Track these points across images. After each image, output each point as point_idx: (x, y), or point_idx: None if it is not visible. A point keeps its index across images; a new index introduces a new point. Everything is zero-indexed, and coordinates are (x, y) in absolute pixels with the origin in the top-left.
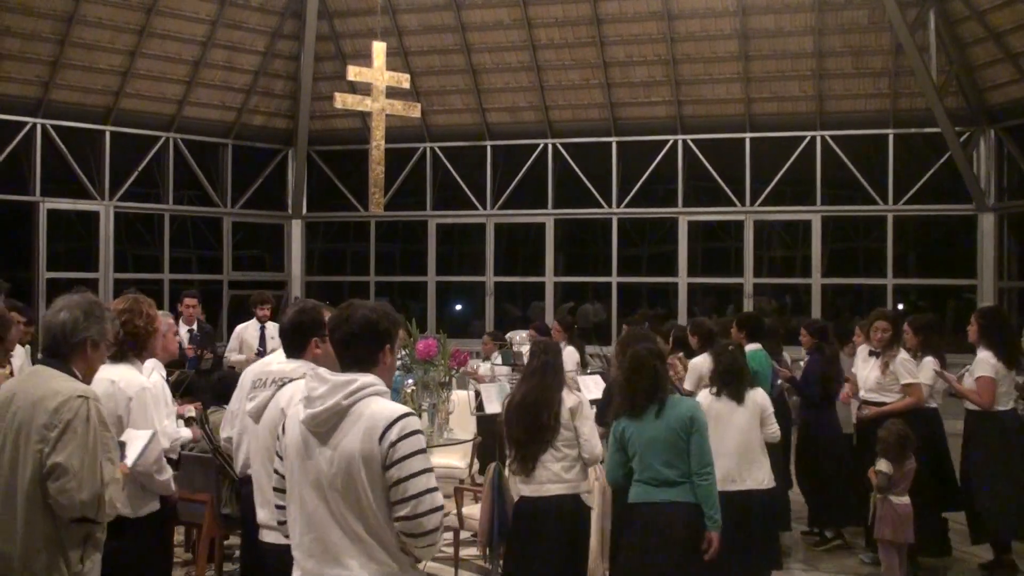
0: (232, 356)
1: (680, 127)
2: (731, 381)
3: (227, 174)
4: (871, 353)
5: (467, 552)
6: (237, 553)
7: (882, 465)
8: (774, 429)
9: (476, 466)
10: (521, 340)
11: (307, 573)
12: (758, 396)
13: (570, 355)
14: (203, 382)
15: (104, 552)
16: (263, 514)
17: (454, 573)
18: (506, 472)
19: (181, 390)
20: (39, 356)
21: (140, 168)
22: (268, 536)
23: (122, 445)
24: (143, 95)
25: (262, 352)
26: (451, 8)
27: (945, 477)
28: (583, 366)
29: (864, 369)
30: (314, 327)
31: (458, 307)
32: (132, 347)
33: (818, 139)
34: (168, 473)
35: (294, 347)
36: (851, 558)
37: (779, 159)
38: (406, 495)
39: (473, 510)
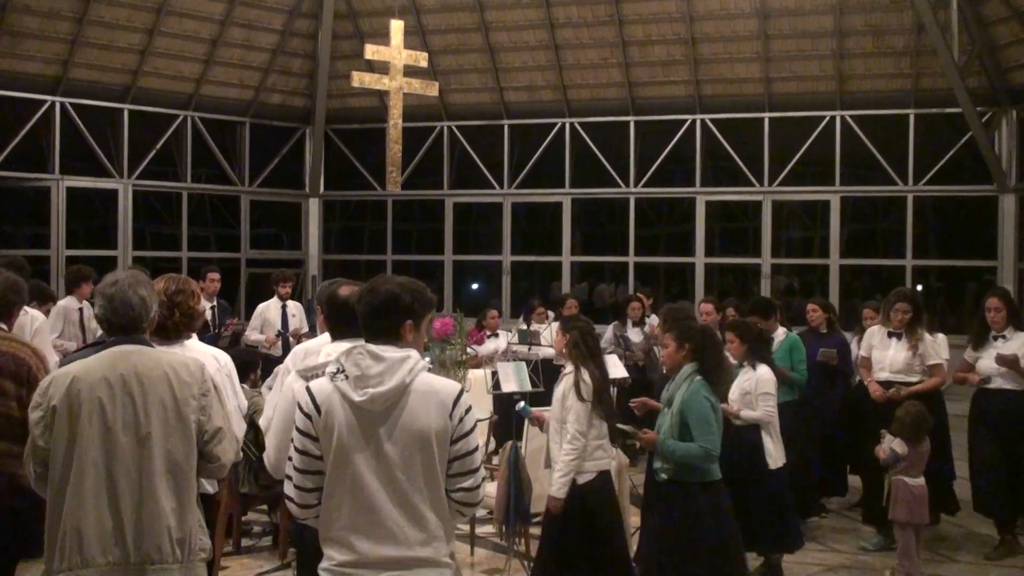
0: (252, 335)
1: (699, 106)
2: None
3: (245, 153)
4: (891, 334)
5: (483, 530)
6: (255, 529)
7: (896, 444)
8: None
9: (492, 445)
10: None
11: (363, 554)
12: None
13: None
14: None
15: None
16: None
17: (470, 550)
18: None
19: None
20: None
21: (158, 146)
22: None
23: None
24: (161, 73)
25: (283, 333)
26: None
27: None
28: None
29: (885, 350)
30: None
31: (475, 286)
32: (184, 328)
33: (838, 119)
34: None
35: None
36: (854, 540)
37: (798, 139)
38: (472, 467)
39: (489, 488)
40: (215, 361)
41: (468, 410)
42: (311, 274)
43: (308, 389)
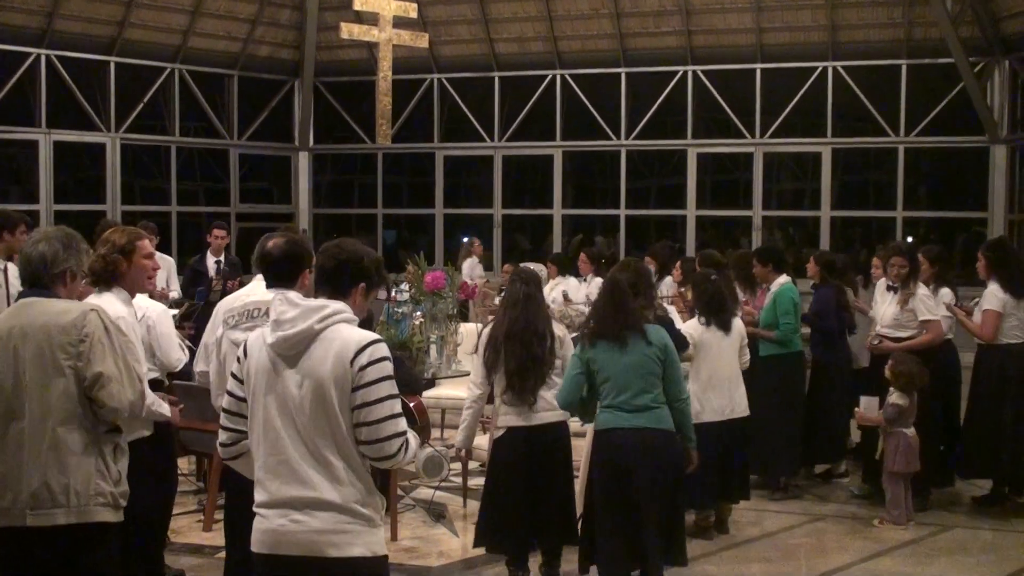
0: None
1: (690, 58)
2: (718, 310)
3: (233, 106)
4: (889, 288)
5: (475, 482)
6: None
7: (896, 397)
8: (747, 357)
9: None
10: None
11: (272, 494)
12: (739, 325)
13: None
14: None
15: None
16: None
17: (463, 503)
18: (499, 403)
19: (193, 319)
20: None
21: (146, 100)
22: None
23: None
24: (147, 25)
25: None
26: None
27: (952, 411)
28: None
29: (883, 304)
30: (306, 257)
31: (465, 239)
32: (113, 278)
33: (830, 70)
34: (164, 407)
35: (284, 277)
36: (840, 491)
37: (790, 90)
38: (368, 419)
39: (481, 441)
40: (113, 309)
41: (375, 361)
42: (301, 228)
43: (250, 336)
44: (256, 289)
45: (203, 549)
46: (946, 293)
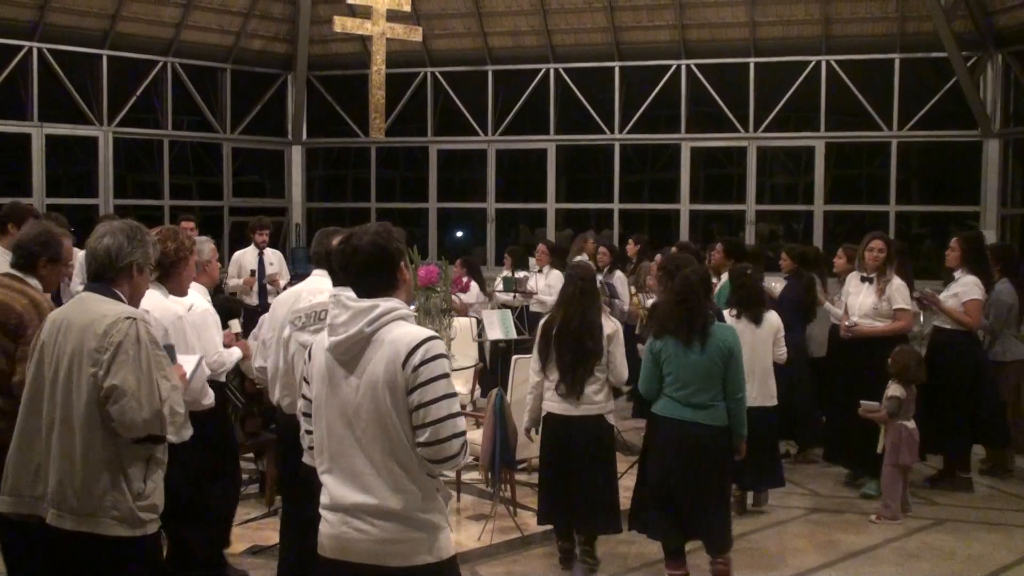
0: (231, 282)
1: (684, 52)
2: (750, 304)
3: (226, 99)
4: (863, 279)
5: (469, 476)
6: (243, 477)
7: (895, 390)
8: (783, 350)
9: (478, 391)
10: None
11: (336, 499)
12: (773, 318)
13: (620, 280)
14: None
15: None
16: None
17: (456, 496)
18: (545, 390)
19: None
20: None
21: (138, 93)
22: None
23: (169, 349)
24: (140, 18)
25: (256, 273)
26: None
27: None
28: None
29: (858, 295)
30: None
31: (459, 233)
32: (164, 273)
33: (823, 64)
34: (211, 397)
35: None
36: (832, 484)
37: (783, 84)
38: (427, 420)
39: (475, 435)
40: (168, 311)
41: (428, 360)
42: (294, 222)
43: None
44: (321, 287)
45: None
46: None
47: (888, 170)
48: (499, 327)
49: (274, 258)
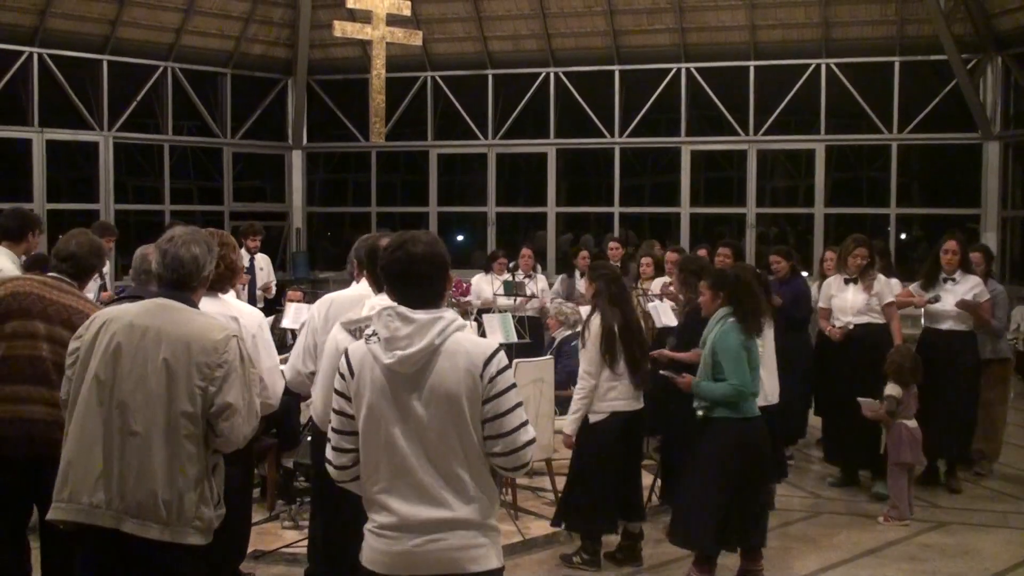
0: None
1: (684, 55)
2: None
3: (226, 104)
4: (847, 281)
5: None
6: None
7: (891, 389)
8: None
9: None
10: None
11: (402, 516)
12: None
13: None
14: None
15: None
16: None
17: None
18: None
19: None
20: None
21: (139, 98)
22: None
23: None
24: (140, 23)
25: (248, 276)
26: None
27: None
28: None
29: (844, 295)
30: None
31: (460, 238)
32: (226, 281)
33: (823, 67)
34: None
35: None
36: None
37: (783, 87)
38: (503, 430)
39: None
40: (260, 317)
41: (502, 370)
42: (295, 226)
43: (347, 351)
44: (371, 295)
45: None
46: (896, 283)
47: (888, 173)
48: (500, 330)
49: (264, 263)
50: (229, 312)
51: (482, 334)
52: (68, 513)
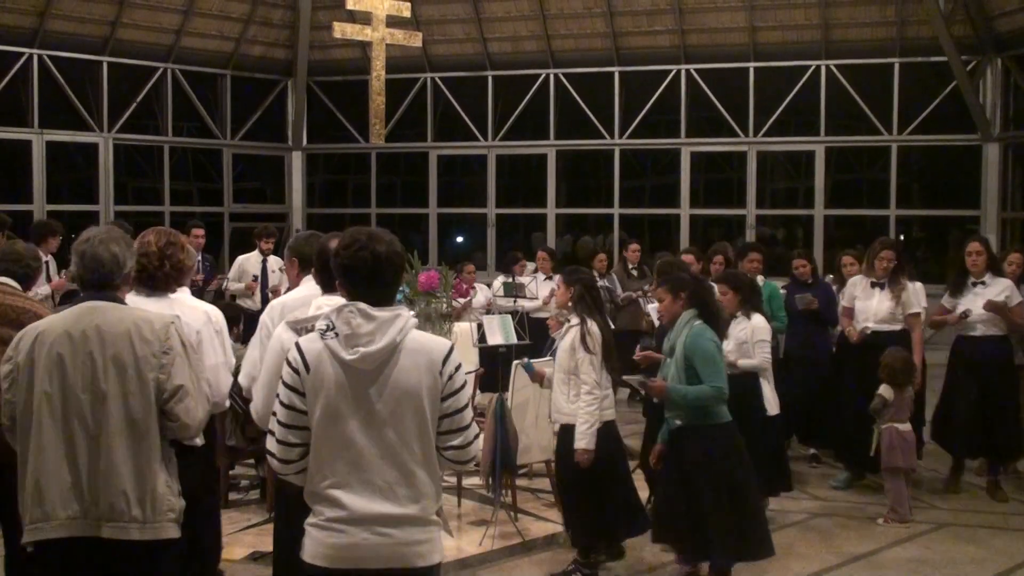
0: (232, 285)
1: (683, 57)
2: (759, 303)
3: (226, 105)
4: (874, 284)
5: (470, 481)
6: (243, 483)
7: (883, 390)
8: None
9: (478, 397)
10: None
11: (355, 510)
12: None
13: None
14: None
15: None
16: None
17: (457, 502)
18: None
19: None
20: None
21: (139, 99)
22: None
23: None
24: (140, 25)
25: (258, 279)
26: None
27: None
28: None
29: (869, 300)
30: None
31: (459, 239)
32: (172, 281)
33: (823, 68)
34: (228, 402)
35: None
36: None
37: (783, 89)
38: (461, 425)
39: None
40: (205, 315)
41: (458, 367)
42: (295, 228)
43: (298, 345)
44: (316, 297)
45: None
46: (920, 288)
47: (888, 174)
48: (500, 332)
49: (276, 266)
50: (172, 310)
51: (482, 336)
52: (47, 532)
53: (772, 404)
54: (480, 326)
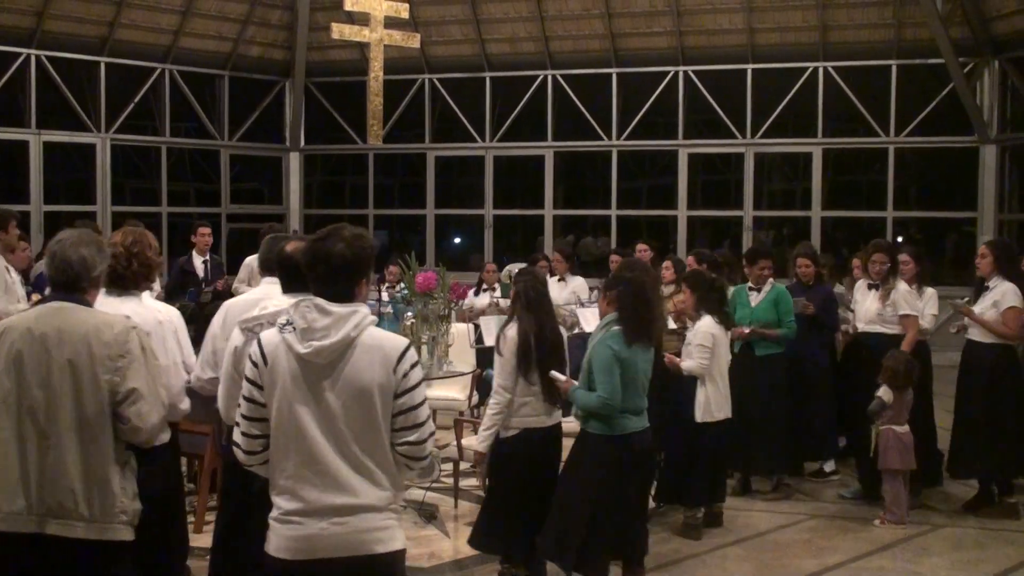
0: (241, 287)
1: (681, 58)
2: (723, 308)
3: (224, 106)
4: (870, 286)
5: (466, 483)
6: None
7: (882, 392)
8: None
9: (475, 398)
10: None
11: (310, 502)
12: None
13: (581, 286)
14: (203, 314)
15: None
16: None
17: (454, 503)
18: (519, 406)
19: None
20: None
21: (136, 100)
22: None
23: None
24: (138, 25)
25: None
26: None
27: (928, 411)
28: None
29: (864, 301)
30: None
31: (457, 240)
32: (142, 279)
33: (820, 70)
34: (187, 403)
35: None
36: (831, 490)
37: (781, 91)
38: (416, 422)
39: (472, 441)
40: (157, 315)
41: (413, 365)
42: (292, 229)
43: (259, 339)
44: (271, 294)
45: (193, 551)
46: (932, 292)
47: (885, 176)
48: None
49: None
50: (121, 311)
51: (479, 337)
52: None
53: (708, 410)
54: (477, 327)
